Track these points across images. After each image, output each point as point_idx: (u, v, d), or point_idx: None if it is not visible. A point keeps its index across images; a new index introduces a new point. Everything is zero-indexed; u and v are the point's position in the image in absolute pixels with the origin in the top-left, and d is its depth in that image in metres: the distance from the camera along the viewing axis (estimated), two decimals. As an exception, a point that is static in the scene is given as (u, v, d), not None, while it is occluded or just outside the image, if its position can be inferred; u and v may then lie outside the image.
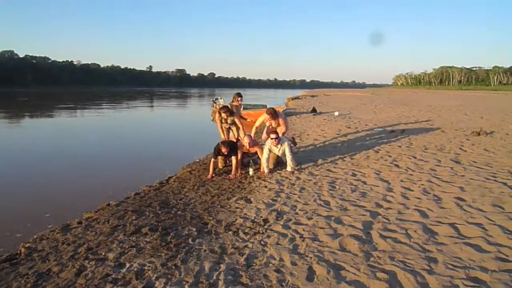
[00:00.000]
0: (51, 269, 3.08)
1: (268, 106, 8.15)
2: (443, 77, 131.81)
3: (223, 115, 6.75)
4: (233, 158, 6.12)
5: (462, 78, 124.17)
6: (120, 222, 4.12)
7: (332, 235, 3.46)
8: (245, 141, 6.25)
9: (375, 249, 3.14)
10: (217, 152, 6.13)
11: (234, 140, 6.67)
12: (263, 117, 7.02)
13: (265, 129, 7.18)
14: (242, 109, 8.03)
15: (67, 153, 10.15)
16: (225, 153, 6.03)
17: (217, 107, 21.67)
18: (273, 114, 6.78)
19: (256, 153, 6.44)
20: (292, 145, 6.82)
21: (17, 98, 44.17)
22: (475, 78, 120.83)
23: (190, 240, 3.55)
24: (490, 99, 35.00)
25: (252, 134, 6.85)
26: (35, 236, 3.92)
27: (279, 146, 6.12)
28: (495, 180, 4.97)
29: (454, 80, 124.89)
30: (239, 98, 7.65)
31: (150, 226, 3.94)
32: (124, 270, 2.98)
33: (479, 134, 8.99)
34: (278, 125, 6.77)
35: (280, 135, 6.30)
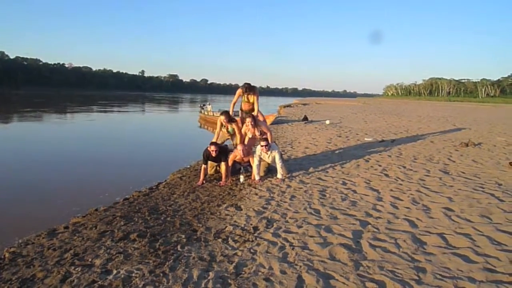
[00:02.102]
0: (36, 274, 3.02)
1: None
2: (432, 88, 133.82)
3: (222, 119, 6.52)
4: (223, 164, 6.09)
5: (451, 89, 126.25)
6: (108, 228, 4.06)
7: (322, 244, 3.45)
8: (239, 149, 6.20)
9: (365, 258, 3.14)
10: (206, 156, 6.10)
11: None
12: (244, 128, 6.58)
13: (247, 139, 6.64)
14: (248, 95, 6.68)
15: (56, 157, 10.01)
16: (214, 152, 5.95)
17: (205, 113, 21.69)
18: (254, 121, 6.40)
19: (248, 160, 6.41)
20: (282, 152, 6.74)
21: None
22: (463, 90, 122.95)
23: (179, 247, 3.51)
24: (478, 111, 35.64)
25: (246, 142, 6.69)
26: (20, 241, 3.85)
27: (269, 152, 6.12)
28: (483, 191, 5.03)
29: (443, 92, 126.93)
30: (244, 89, 6.64)
31: (139, 232, 3.89)
32: (111, 277, 2.93)
33: (467, 145, 9.12)
34: (261, 132, 6.44)
35: (270, 141, 6.28)
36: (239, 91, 6.72)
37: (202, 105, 24.21)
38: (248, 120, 6.39)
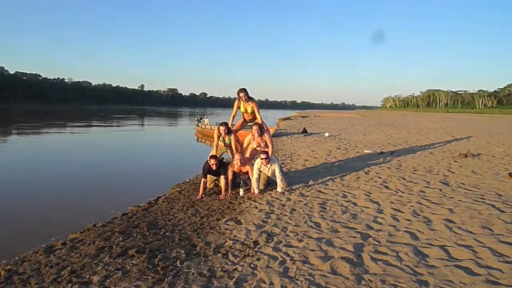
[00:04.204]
0: (32, 293, 2.96)
1: None
2: (430, 100, 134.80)
3: (222, 129, 6.48)
4: (222, 178, 6.07)
5: (448, 101, 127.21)
6: (106, 244, 4.01)
7: (323, 258, 3.41)
8: (236, 157, 6.18)
9: (366, 272, 3.10)
10: (206, 170, 6.08)
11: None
12: (249, 137, 6.65)
13: (250, 150, 6.70)
14: (250, 106, 6.62)
15: (54, 172, 9.97)
16: (214, 166, 5.94)
17: (202, 126, 21.76)
18: (260, 130, 6.44)
19: (247, 173, 6.38)
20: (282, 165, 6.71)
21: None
22: (461, 101, 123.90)
23: (178, 262, 3.46)
24: (475, 121, 35.78)
25: (247, 154, 6.66)
26: (16, 258, 3.80)
27: (268, 165, 6.10)
28: (483, 202, 5.01)
29: (440, 103, 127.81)
30: (241, 94, 6.51)
31: (137, 248, 3.84)
32: (108, 294, 2.88)
33: (466, 156, 9.13)
34: (265, 143, 6.51)
35: (270, 154, 6.26)
36: (236, 102, 6.72)
37: (199, 118, 24.34)
38: (255, 128, 6.38)
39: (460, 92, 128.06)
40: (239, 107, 6.71)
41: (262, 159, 5.99)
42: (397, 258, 3.33)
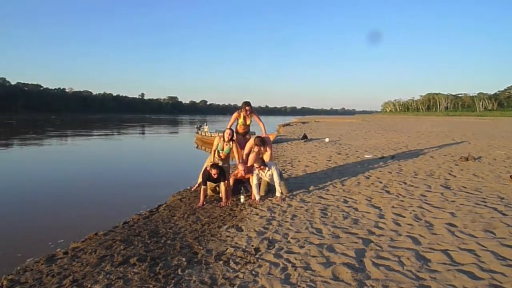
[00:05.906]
0: (34, 303, 2.96)
1: (256, 134, 7.59)
2: (430, 104, 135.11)
3: (228, 132, 6.45)
4: (222, 185, 6.05)
5: (448, 104, 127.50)
6: (108, 252, 4.01)
7: (325, 264, 3.40)
8: (240, 168, 6.19)
9: (368, 277, 3.09)
10: (206, 177, 6.07)
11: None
12: (250, 144, 6.61)
13: (252, 156, 6.63)
14: (250, 118, 7.03)
15: (55, 181, 9.98)
16: (215, 175, 5.94)
17: (201, 133, 21.86)
18: (261, 142, 6.40)
19: (248, 179, 6.38)
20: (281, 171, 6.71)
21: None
22: (461, 104, 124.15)
23: (179, 270, 3.45)
24: (476, 124, 35.77)
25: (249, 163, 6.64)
26: (18, 268, 3.79)
27: (266, 170, 6.10)
28: (485, 205, 4.99)
29: (441, 106, 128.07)
30: (247, 107, 6.85)
31: (139, 256, 3.84)
32: (110, 303, 2.87)
33: (467, 160, 9.11)
34: (265, 151, 6.48)
35: (268, 159, 6.27)
36: (236, 114, 6.88)
37: (199, 125, 24.56)
38: (256, 140, 6.35)
39: (460, 95, 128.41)
40: (237, 119, 6.92)
41: (256, 168, 6.01)
42: (399, 263, 3.32)
